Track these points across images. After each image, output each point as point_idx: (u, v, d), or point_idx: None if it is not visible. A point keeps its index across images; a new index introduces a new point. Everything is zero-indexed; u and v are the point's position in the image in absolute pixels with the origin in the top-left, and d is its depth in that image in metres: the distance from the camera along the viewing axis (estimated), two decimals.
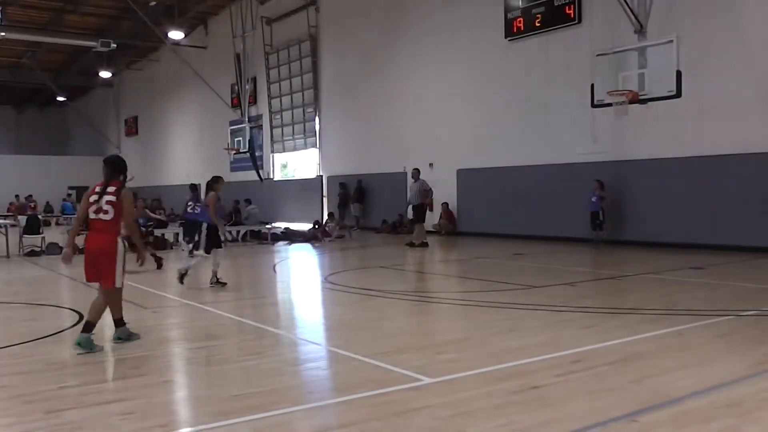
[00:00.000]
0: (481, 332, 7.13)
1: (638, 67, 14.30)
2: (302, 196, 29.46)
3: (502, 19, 20.05)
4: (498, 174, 20.36)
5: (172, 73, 38.87)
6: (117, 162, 6.82)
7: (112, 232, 6.54)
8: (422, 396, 4.88)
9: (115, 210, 6.50)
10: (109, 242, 6.50)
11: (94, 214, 6.53)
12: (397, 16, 24.21)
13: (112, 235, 6.53)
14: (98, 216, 6.51)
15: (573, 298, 9.32)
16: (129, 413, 4.65)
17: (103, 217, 6.49)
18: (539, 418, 4.36)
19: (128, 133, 47.61)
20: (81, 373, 5.71)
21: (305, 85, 29.16)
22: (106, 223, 6.51)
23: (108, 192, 6.54)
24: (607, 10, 16.49)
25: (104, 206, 6.48)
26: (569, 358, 5.91)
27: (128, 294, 10.12)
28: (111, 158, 6.89)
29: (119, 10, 32.18)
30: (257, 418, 4.44)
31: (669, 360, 5.77)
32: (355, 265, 14.50)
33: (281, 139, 31.24)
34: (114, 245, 6.50)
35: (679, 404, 4.58)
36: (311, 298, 10.72)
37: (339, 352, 6.37)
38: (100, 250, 6.50)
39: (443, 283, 12.09)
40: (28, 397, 5.03)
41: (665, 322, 7.39)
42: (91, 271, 6.57)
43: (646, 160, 16.62)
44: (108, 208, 6.48)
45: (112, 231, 6.54)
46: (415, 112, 23.53)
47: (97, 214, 6.51)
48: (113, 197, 6.51)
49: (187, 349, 6.71)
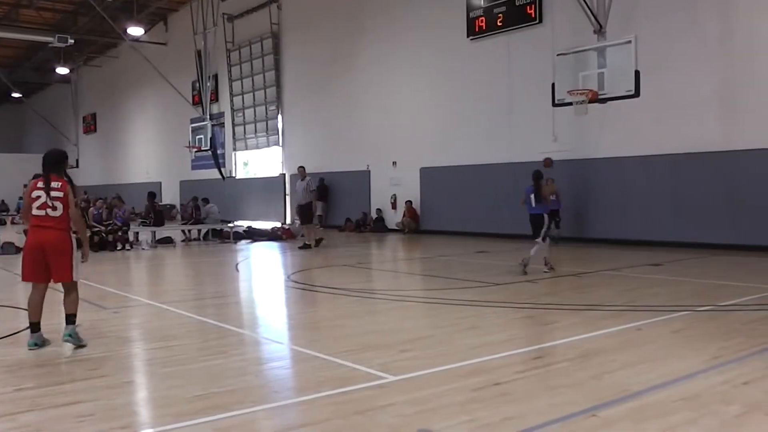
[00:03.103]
0: (444, 330, 7.17)
1: (598, 67, 14.49)
2: (265, 195, 29.28)
3: (464, 19, 20.18)
4: (461, 172, 20.50)
5: (131, 70, 38.27)
6: (57, 156, 6.71)
7: (62, 228, 6.44)
8: (386, 394, 4.89)
9: (63, 205, 6.41)
10: (62, 238, 6.42)
11: (39, 210, 6.40)
12: (360, 13, 24.20)
13: (64, 231, 6.45)
14: (45, 212, 6.39)
15: (535, 295, 9.43)
16: (88, 415, 4.56)
17: (51, 213, 6.38)
18: (502, 414, 4.40)
19: (86, 130, 46.75)
20: (38, 375, 5.59)
21: (268, 83, 28.98)
22: (55, 220, 6.40)
23: (53, 188, 6.43)
24: (567, 10, 16.72)
25: (51, 202, 6.38)
26: (531, 355, 5.98)
27: (89, 294, 9.97)
28: (51, 152, 6.76)
29: (76, 4, 31.61)
30: (220, 418, 4.40)
31: (628, 355, 5.87)
32: (319, 263, 14.45)
33: (243, 137, 30.99)
34: (67, 241, 6.44)
35: (637, 398, 4.66)
36: (274, 297, 10.65)
37: (302, 351, 6.34)
38: (52, 247, 6.38)
39: (407, 281, 12.12)
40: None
41: (625, 318, 7.52)
42: (39, 269, 6.44)
43: (606, 158, 16.89)
44: (56, 204, 6.38)
45: (63, 227, 6.45)
46: (378, 110, 23.55)
47: (44, 210, 6.39)
48: (60, 193, 6.42)
49: (148, 349, 6.62)
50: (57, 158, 6.68)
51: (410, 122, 22.35)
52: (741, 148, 14.59)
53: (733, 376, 5.17)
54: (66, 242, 6.44)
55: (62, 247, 6.41)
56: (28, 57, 40.83)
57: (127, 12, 30.88)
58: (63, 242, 6.42)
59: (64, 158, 6.78)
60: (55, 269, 6.43)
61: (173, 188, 36.30)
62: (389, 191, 23.33)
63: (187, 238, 20.81)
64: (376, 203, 23.93)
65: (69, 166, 6.74)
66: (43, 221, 6.41)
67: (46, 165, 6.57)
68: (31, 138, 53.23)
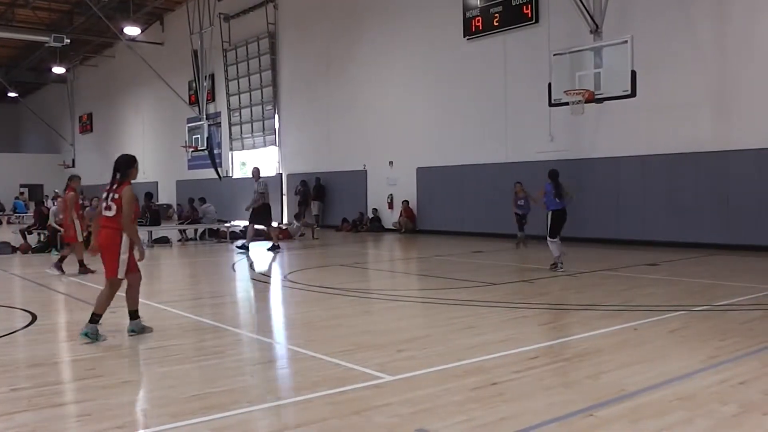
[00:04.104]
0: (440, 330, 7.17)
1: (594, 67, 14.51)
2: None
3: (460, 19, 20.19)
4: (458, 172, 20.51)
5: (128, 70, 38.23)
6: (119, 161, 7.17)
7: (113, 227, 6.87)
8: (382, 394, 4.89)
9: (117, 207, 6.87)
10: (111, 236, 6.86)
11: (104, 211, 6.99)
12: (356, 13, 24.19)
13: (114, 230, 6.87)
14: (104, 213, 6.97)
15: (531, 295, 9.44)
16: (85, 415, 4.55)
17: (106, 213, 6.93)
18: (498, 414, 4.41)
19: (82, 130, 46.66)
20: (34, 375, 5.58)
21: (264, 83, 28.96)
22: (109, 219, 6.92)
23: (114, 190, 6.96)
24: (564, 10, 16.74)
25: (109, 203, 6.92)
26: (527, 355, 5.98)
27: (86, 294, 9.96)
28: (119, 158, 7.23)
29: (72, 4, 31.54)
30: (216, 418, 4.39)
31: (624, 355, 5.88)
32: (315, 263, 14.45)
33: (240, 137, 30.97)
34: (113, 239, 6.84)
35: (634, 398, 4.67)
36: (271, 297, 10.65)
37: (299, 351, 6.34)
38: (104, 244, 6.94)
39: (403, 280, 12.13)
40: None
41: (621, 317, 7.53)
42: (103, 265, 6.99)
43: (602, 158, 16.92)
44: (111, 205, 6.90)
45: (114, 226, 6.88)
46: (374, 110, 23.56)
47: (104, 211, 6.97)
48: (117, 194, 6.90)
49: (144, 349, 6.61)
50: (123, 163, 7.12)
51: (407, 122, 22.35)
52: (735, 148, 14.63)
53: (729, 376, 5.18)
54: (113, 240, 6.85)
55: (108, 245, 6.88)
56: (24, 57, 40.76)
57: (123, 12, 30.83)
58: (110, 240, 6.87)
59: (131, 163, 7.17)
60: (105, 265, 6.92)
61: (170, 188, 36.26)
62: (386, 191, 23.34)
63: (184, 238, 20.79)
64: (373, 203, 23.94)
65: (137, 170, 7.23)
66: (102, 221, 7.00)
67: (114, 169, 7.08)
68: (27, 138, 53.18)
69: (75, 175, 13.07)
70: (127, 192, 6.89)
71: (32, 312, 8.40)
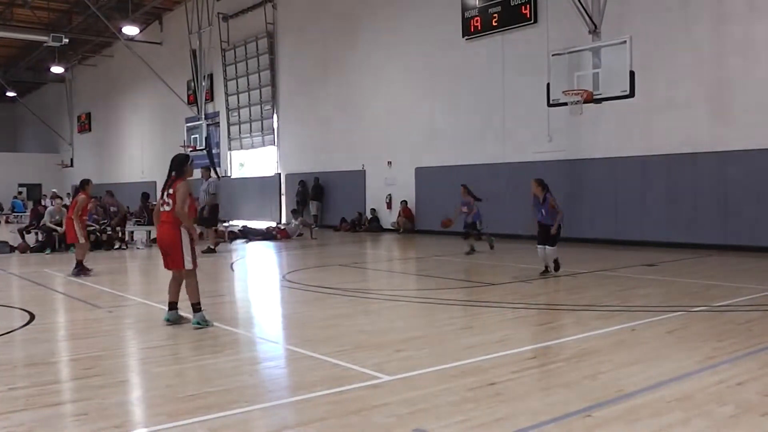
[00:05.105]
0: (438, 330, 7.18)
1: (593, 67, 14.54)
2: (260, 194, 29.26)
3: (459, 18, 20.20)
4: (456, 172, 20.49)
5: (126, 69, 38.20)
6: (173, 160, 7.57)
7: (170, 221, 7.28)
8: (380, 393, 4.89)
9: (173, 202, 7.27)
10: (170, 231, 7.27)
11: (160, 207, 7.40)
12: (355, 13, 24.20)
13: (171, 224, 7.27)
14: (162, 208, 7.38)
15: (528, 295, 9.45)
16: (82, 414, 4.55)
17: (165, 208, 7.34)
18: (496, 414, 4.41)
19: (81, 129, 46.60)
20: (32, 374, 5.57)
21: (263, 83, 28.95)
22: (167, 214, 7.32)
23: (170, 186, 7.37)
24: (562, 10, 16.76)
25: (166, 199, 7.34)
26: (525, 355, 5.99)
27: (84, 293, 9.96)
28: (175, 157, 7.66)
29: (71, 4, 31.50)
30: (214, 417, 4.39)
31: (622, 355, 5.88)
32: (314, 263, 14.45)
33: (239, 137, 30.96)
34: (174, 233, 7.24)
35: (631, 399, 4.67)
36: (269, 297, 10.65)
37: (297, 351, 6.34)
38: (161, 239, 7.39)
39: (401, 280, 12.13)
40: None
41: (619, 318, 7.54)
42: (166, 260, 7.47)
43: (601, 159, 16.93)
44: (169, 200, 7.31)
45: (171, 220, 7.28)
46: (373, 110, 23.56)
47: (161, 207, 7.39)
48: (172, 190, 7.32)
49: (142, 348, 6.61)
50: (178, 162, 7.53)
51: (405, 122, 22.36)
52: (733, 149, 14.64)
53: (726, 377, 5.18)
54: (173, 234, 7.25)
55: (170, 239, 7.29)
56: (22, 56, 40.72)
57: (121, 11, 30.81)
58: (170, 234, 7.27)
59: (185, 162, 7.59)
60: (169, 258, 7.39)
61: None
62: (384, 191, 23.34)
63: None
64: (372, 203, 23.94)
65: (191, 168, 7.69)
66: (160, 216, 7.41)
67: (169, 169, 7.48)
68: (25, 137, 53.13)
69: (88, 179, 13.00)
70: (182, 187, 7.25)
71: (30, 311, 8.40)
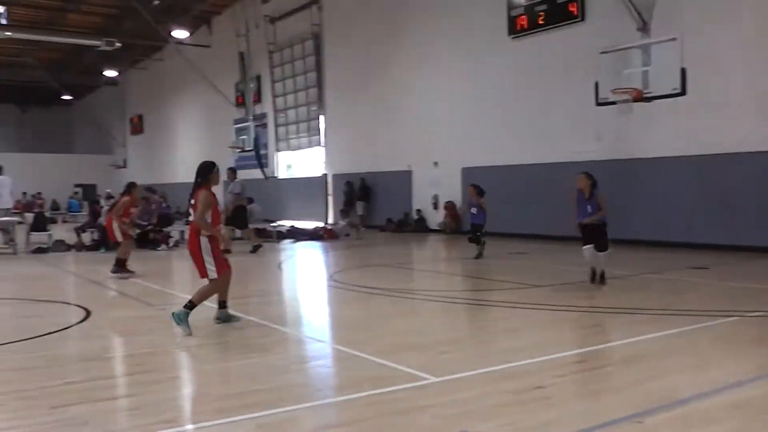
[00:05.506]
0: (483, 331, 7.15)
1: (642, 65, 14.26)
2: (307, 195, 29.48)
3: (505, 17, 20.05)
4: (502, 172, 20.35)
5: (176, 72, 38.89)
6: (199, 167, 7.46)
7: (192, 230, 7.26)
8: (426, 395, 4.89)
9: (194, 211, 7.24)
10: (192, 239, 7.25)
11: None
12: (400, 13, 24.21)
13: (194, 233, 7.21)
14: (188, 218, 7.49)
15: (575, 297, 9.31)
16: (134, 409, 4.68)
17: (190, 218, 7.41)
18: (542, 418, 4.37)
19: (133, 131, 47.66)
20: (87, 369, 5.74)
21: (309, 84, 29.17)
22: (191, 224, 7.35)
23: (193, 195, 7.31)
24: (611, 7, 16.45)
25: (190, 209, 7.36)
26: (572, 358, 5.92)
27: (137, 292, 10.20)
28: (200, 165, 7.51)
29: (121, 9, 32.21)
30: (262, 415, 4.45)
31: (673, 361, 5.76)
32: (360, 263, 14.52)
33: (286, 138, 31.26)
34: (194, 242, 7.18)
35: (683, 406, 4.57)
36: (316, 296, 10.74)
37: (343, 350, 6.38)
38: (188, 248, 7.39)
39: (447, 281, 12.09)
40: (34, 392, 5.06)
41: (669, 322, 7.37)
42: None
43: (649, 158, 16.59)
44: (191, 210, 7.33)
45: (193, 229, 7.26)
46: (419, 110, 23.53)
47: (188, 217, 7.47)
48: (194, 200, 7.25)
49: (192, 346, 6.73)
50: (201, 169, 7.41)
51: (451, 122, 22.27)
52: None
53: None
54: (192, 243, 7.22)
55: (190, 247, 7.30)
56: (75, 60, 41.77)
57: (171, 15, 31.39)
58: (190, 243, 7.28)
59: (208, 170, 7.41)
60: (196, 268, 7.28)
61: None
62: (430, 191, 23.29)
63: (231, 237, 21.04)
64: (418, 203, 23.92)
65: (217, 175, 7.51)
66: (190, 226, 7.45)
67: (196, 175, 7.39)
68: (79, 139, 54.50)
69: (134, 182, 13.28)
70: (201, 196, 7.14)
71: (86, 308, 8.63)
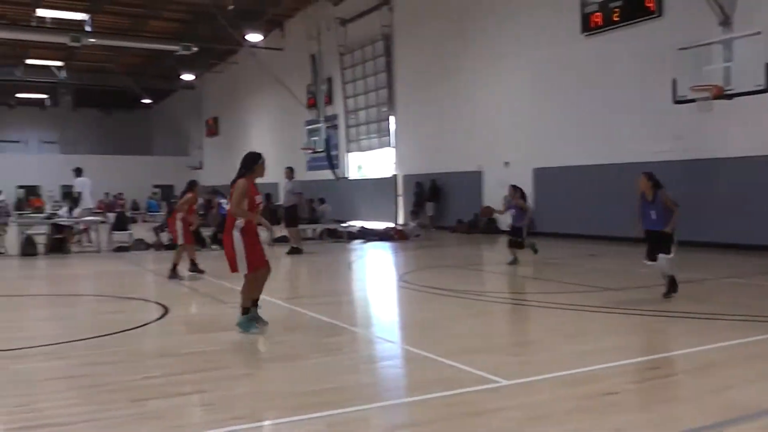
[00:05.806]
0: (553, 334, 7.05)
1: (723, 61, 13.77)
2: (377, 195, 29.65)
3: (578, 14, 19.67)
4: (575, 173, 19.99)
5: (250, 75, 39.74)
6: (243, 157, 7.21)
7: (230, 222, 7.00)
8: (497, 397, 4.87)
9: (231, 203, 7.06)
10: (225, 235, 7.03)
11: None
12: (470, 13, 24.06)
13: (230, 226, 6.96)
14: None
15: (648, 301, 9.02)
16: (209, 404, 4.83)
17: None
18: (612, 424, 4.28)
19: (209, 133, 48.96)
20: (164, 365, 5.95)
21: (379, 85, 29.33)
22: (228, 215, 7.15)
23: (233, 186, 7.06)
24: (690, 1, 15.93)
25: (228, 199, 7.29)
26: (644, 365, 5.78)
27: (211, 290, 10.49)
28: (243, 156, 7.27)
29: (197, 14, 33.15)
30: (333, 413, 4.52)
31: (752, 370, 5.52)
32: (430, 264, 14.52)
33: (356, 139, 31.53)
34: (227, 237, 6.98)
35: (764, 418, 4.39)
36: (386, 297, 10.80)
37: (413, 351, 6.41)
38: (222, 241, 7.20)
39: (516, 283, 11.98)
40: (115, 385, 5.27)
41: (749, 329, 7.06)
42: None
43: (731, 158, 15.97)
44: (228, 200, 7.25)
45: (230, 221, 7.00)
46: (489, 110, 23.34)
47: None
48: (232, 189, 7.04)
49: (265, 344, 6.88)
50: (244, 160, 7.17)
51: (522, 122, 22.00)
52: None
53: None
54: (226, 237, 7.01)
55: (224, 239, 7.06)
56: (154, 65, 43.22)
57: (245, 19, 32.10)
58: (225, 237, 7.03)
59: (253, 160, 7.16)
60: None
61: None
62: (501, 192, 23.03)
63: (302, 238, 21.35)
64: (488, 204, 23.71)
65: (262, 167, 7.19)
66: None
67: (240, 165, 7.13)
68: (158, 141, 56.35)
69: (195, 180, 13.76)
70: (238, 185, 6.90)
71: (164, 305, 8.93)
